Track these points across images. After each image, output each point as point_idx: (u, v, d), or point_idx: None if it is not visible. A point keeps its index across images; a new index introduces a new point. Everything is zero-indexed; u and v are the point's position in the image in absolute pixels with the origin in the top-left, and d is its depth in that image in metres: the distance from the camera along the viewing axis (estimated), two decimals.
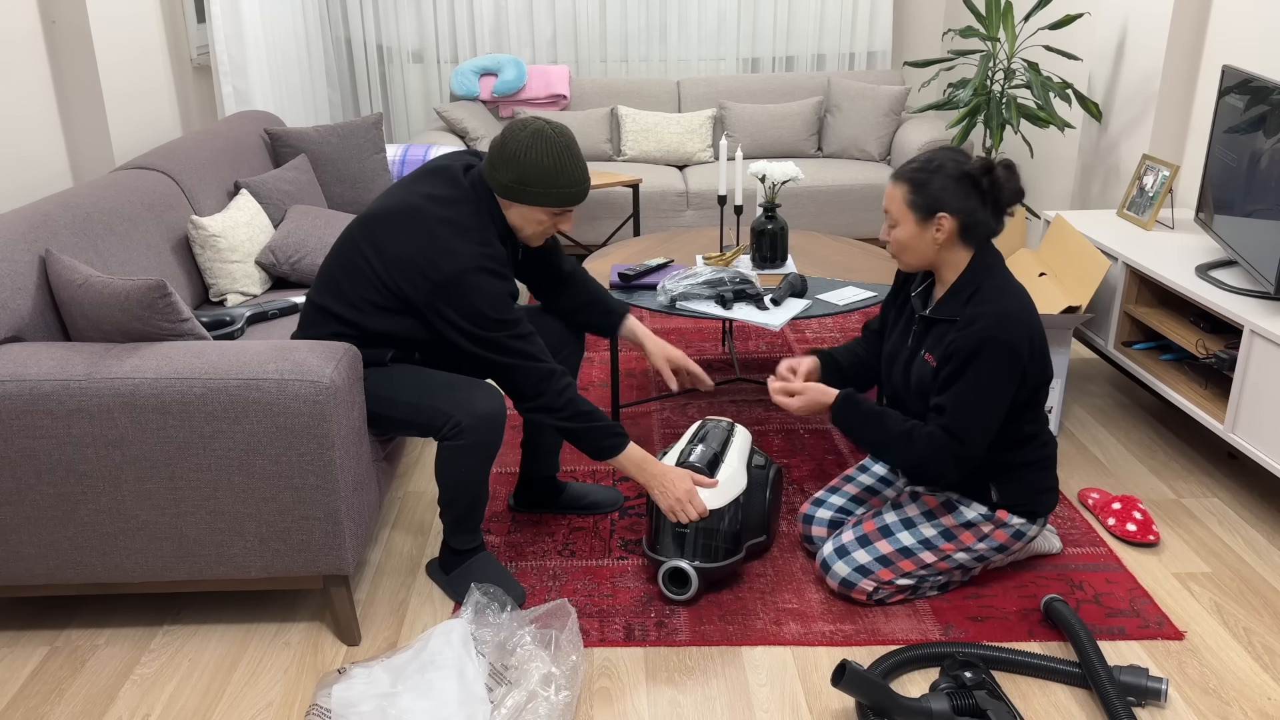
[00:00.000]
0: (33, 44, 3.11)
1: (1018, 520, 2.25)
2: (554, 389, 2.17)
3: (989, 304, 2.09)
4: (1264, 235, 2.60)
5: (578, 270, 2.52)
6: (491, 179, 2.17)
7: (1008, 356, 2.06)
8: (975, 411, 2.08)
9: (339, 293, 2.20)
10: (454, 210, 2.15)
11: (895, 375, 2.30)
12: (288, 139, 3.77)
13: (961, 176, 2.10)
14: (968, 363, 2.08)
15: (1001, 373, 2.07)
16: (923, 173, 2.12)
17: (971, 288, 2.14)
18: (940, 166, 2.11)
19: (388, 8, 5.50)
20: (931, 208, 2.11)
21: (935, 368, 2.16)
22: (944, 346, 2.13)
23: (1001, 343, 2.06)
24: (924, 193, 2.11)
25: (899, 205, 2.15)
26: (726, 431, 2.46)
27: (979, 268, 2.15)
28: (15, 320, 2.15)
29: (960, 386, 2.09)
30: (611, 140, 5.18)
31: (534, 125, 2.14)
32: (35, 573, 2.11)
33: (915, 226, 2.14)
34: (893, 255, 2.25)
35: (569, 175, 2.15)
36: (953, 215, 2.10)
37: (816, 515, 2.45)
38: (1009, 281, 2.15)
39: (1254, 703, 2.01)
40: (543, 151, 2.12)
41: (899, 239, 2.18)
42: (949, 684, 1.95)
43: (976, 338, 2.06)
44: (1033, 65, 3.91)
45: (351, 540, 2.13)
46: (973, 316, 2.09)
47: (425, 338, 2.21)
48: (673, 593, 2.30)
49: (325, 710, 1.93)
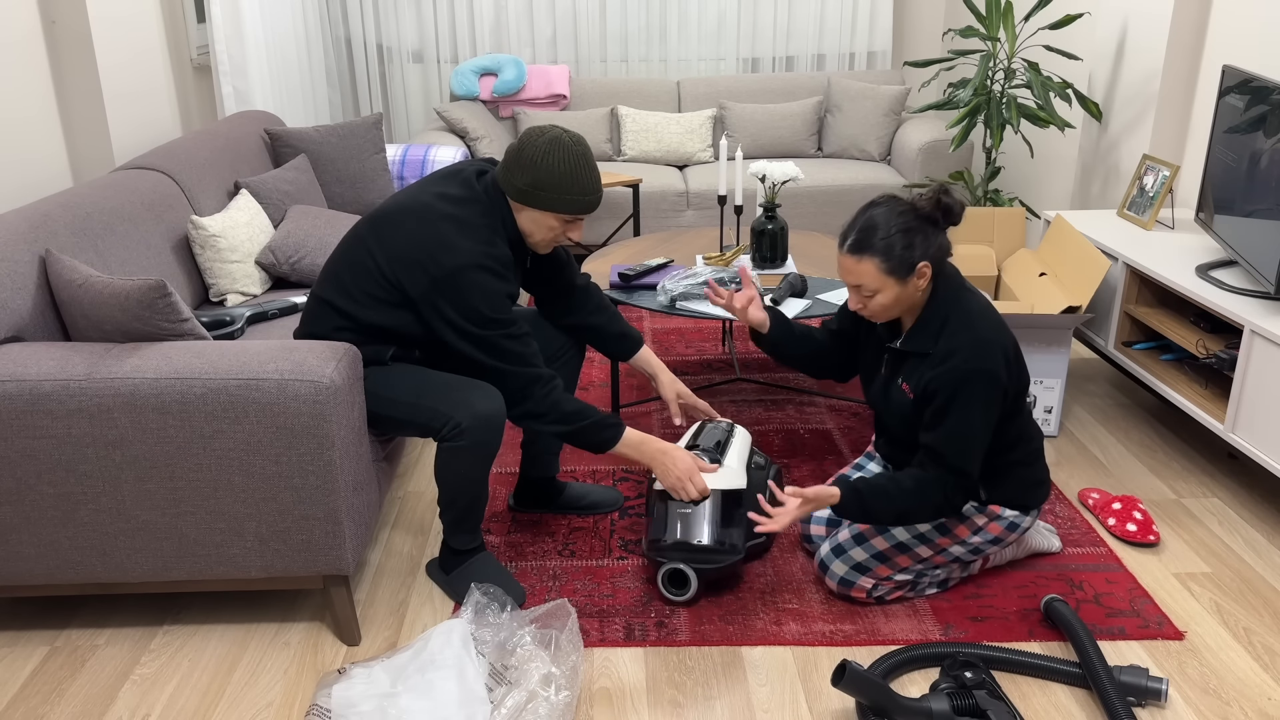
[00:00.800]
0: (33, 44, 3.11)
1: (1010, 512, 2.26)
2: (538, 394, 2.17)
3: (962, 333, 2.08)
4: (1264, 235, 2.60)
5: (591, 287, 2.52)
6: (506, 183, 2.18)
7: (991, 384, 2.06)
8: (968, 441, 2.09)
9: (341, 286, 2.20)
10: (462, 209, 2.16)
11: (873, 393, 2.31)
12: (288, 139, 3.77)
13: (920, 221, 2.07)
14: (953, 400, 2.07)
15: (986, 401, 2.07)
16: (885, 237, 2.06)
17: (940, 317, 2.13)
18: (897, 223, 2.06)
19: (388, 8, 5.50)
20: (908, 267, 2.07)
21: (914, 399, 2.16)
22: (921, 380, 2.13)
23: (983, 372, 2.05)
24: (896, 256, 2.06)
25: (875, 277, 2.07)
26: (725, 432, 2.46)
27: (943, 294, 2.13)
28: (15, 320, 2.15)
29: (950, 423, 2.08)
30: (611, 140, 5.17)
31: (552, 133, 2.16)
32: (35, 573, 2.11)
33: (897, 289, 2.09)
34: (871, 318, 2.16)
35: (583, 183, 2.17)
36: (929, 261, 2.09)
37: (815, 514, 2.45)
38: (972, 300, 2.14)
39: (1254, 703, 2.01)
40: (559, 158, 2.14)
41: (882, 305, 2.11)
42: (949, 684, 1.95)
43: (958, 374, 2.05)
44: (1033, 65, 3.91)
45: (351, 540, 2.13)
46: (948, 351, 2.08)
47: (420, 334, 2.22)
48: (672, 594, 2.30)
49: (325, 710, 1.93)
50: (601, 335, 2.53)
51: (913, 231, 2.07)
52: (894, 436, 2.31)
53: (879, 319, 2.16)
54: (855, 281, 2.10)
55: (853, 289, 2.13)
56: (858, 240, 2.08)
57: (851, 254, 2.09)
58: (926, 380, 2.11)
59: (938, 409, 2.10)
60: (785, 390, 3.46)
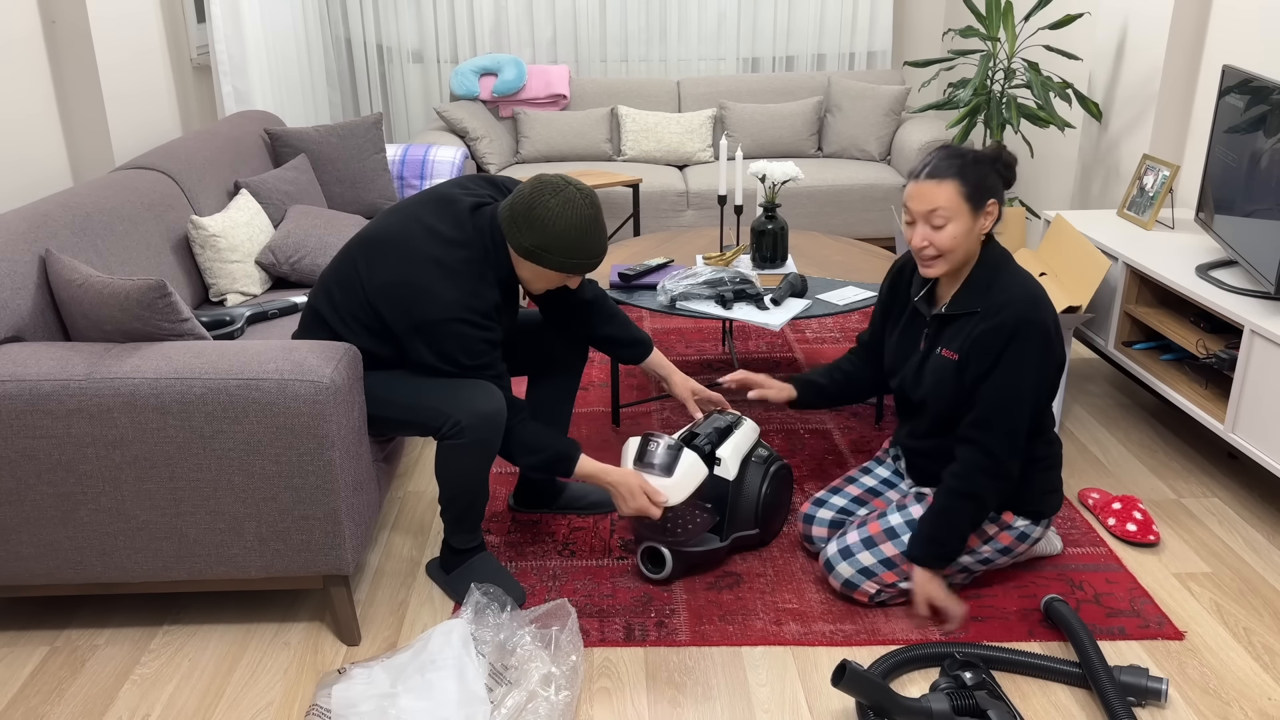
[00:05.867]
0: (33, 44, 3.11)
1: (1022, 522, 2.24)
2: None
3: (1013, 289, 2.09)
4: (1264, 235, 2.60)
5: (599, 297, 2.49)
6: (512, 237, 2.13)
7: (1044, 337, 2.06)
8: (1018, 400, 2.07)
9: (331, 302, 2.21)
10: (450, 253, 2.12)
11: (906, 379, 2.29)
12: (288, 139, 3.77)
13: (989, 161, 2.10)
14: (1004, 352, 2.06)
15: (1039, 354, 2.07)
16: (963, 164, 2.08)
17: (989, 278, 2.14)
18: (972, 155, 2.09)
19: (388, 8, 5.50)
20: (983, 196, 2.09)
21: (957, 361, 2.15)
22: (967, 339, 2.12)
23: (1036, 324, 2.05)
24: (973, 183, 2.08)
25: (954, 201, 2.06)
26: (729, 422, 2.47)
27: (993, 258, 2.16)
28: (15, 320, 2.15)
29: (999, 375, 2.07)
30: (611, 140, 5.18)
31: (566, 192, 2.10)
32: (35, 573, 2.11)
33: (969, 220, 2.09)
34: (930, 259, 2.12)
35: (592, 246, 2.14)
36: (997, 200, 2.11)
37: (817, 516, 2.45)
38: (1022, 269, 2.16)
39: (1254, 703, 2.01)
40: (571, 223, 2.09)
41: (951, 237, 2.08)
42: (949, 684, 1.95)
43: (1011, 323, 2.05)
44: (1033, 65, 3.91)
45: (351, 540, 2.13)
46: (999, 304, 2.08)
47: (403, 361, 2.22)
48: (650, 571, 2.35)
49: (325, 710, 1.93)
50: (613, 343, 2.53)
51: (986, 165, 2.10)
52: (919, 425, 2.28)
53: (937, 266, 2.12)
54: (931, 206, 2.07)
55: (922, 220, 2.09)
56: (938, 166, 2.08)
57: (931, 178, 2.07)
58: (976, 335, 2.09)
59: (986, 366, 2.08)
60: None
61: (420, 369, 2.20)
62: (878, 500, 2.47)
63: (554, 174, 2.15)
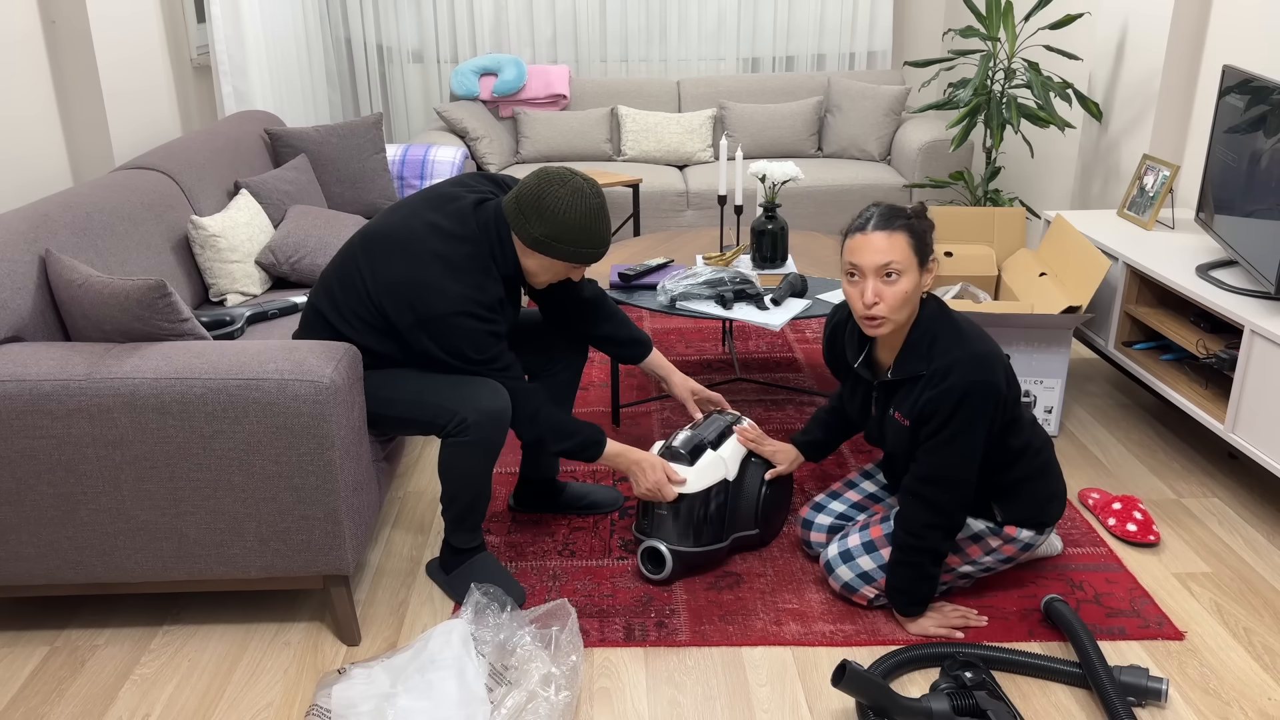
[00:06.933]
0: (33, 44, 3.11)
1: (1026, 534, 2.22)
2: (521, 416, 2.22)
3: (955, 349, 2.03)
4: (1264, 235, 2.60)
5: (599, 296, 2.51)
6: (519, 228, 2.14)
7: (991, 397, 2.01)
8: (968, 459, 2.05)
9: (332, 300, 2.21)
10: (453, 248, 2.13)
11: (870, 433, 2.30)
12: (288, 139, 3.77)
13: (920, 219, 2.07)
14: (953, 417, 2.02)
15: (988, 415, 2.03)
16: (908, 218, 2.03)
17: (928, 338, 2.07)
18: (909, 210, 2.06)
19: (388, 8, 5.50)
20: (928, 252, 2.05)
21: (909, 427, 2.11)
22: (917, 404, 2.07)
23: (983, 385, 2.00)
24: (919, 237, 2.03)
25: (907, 255, 2.00)
26: (729, 423, 2.47)
27: (930, 315, 2.10)
28: (15, 320, 2.15)
29: (946, 434, 2.03)
30: (611, 140, 5.18)
31: (573, 182, 2.12)
32: (35, 573, 2.11)
33: (918, 276, 2.04)
34: (881, 319, 2.03)
35: (599, 236, 2.16)
36: (935, 259, 2.09)
37: (816, 521, 2.44)
38: (954, 316, 2.11)
39: (1254, 703, 2.01)
40: (580, 212, 2.11)
41: (903, 293, 2.01)
42: (949, 684, 1.95)
43: (960, 387, 2.00)
44: (1033, 65, 3.91)
45: (351, 540, 2.13)
46: (943, 368, 2.02)
47: (406, 359, 2.22)
48: (649, 571, 2.35)
49: (325, 710, 1.93)
50: (612, 343, 2.53)
51: (925, 222, 2.07)
52: (898, 465, 2.26)
53: (885, 326, 2.04)
54: (886, 259, 1.98)
55: (874, 275, 2.00)
56: (886, 216, 2.02)
57: (881, 229, 2.00)
58: (923, 402, 2.05)
59: (936, 428, 2.04)
60: (785, 390, 3.46)
61: (426, 365, 2.20)
62: (877, 505, 2.46)
63: (558, 165, 2.15)
